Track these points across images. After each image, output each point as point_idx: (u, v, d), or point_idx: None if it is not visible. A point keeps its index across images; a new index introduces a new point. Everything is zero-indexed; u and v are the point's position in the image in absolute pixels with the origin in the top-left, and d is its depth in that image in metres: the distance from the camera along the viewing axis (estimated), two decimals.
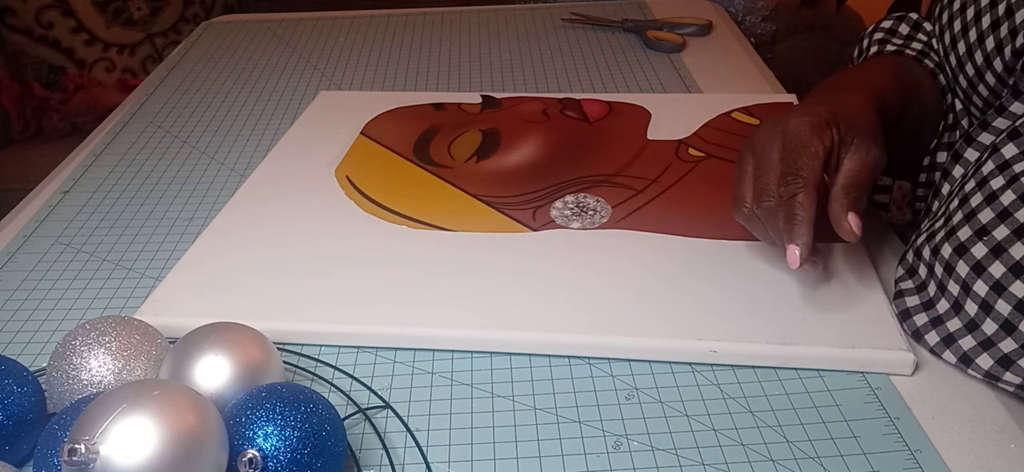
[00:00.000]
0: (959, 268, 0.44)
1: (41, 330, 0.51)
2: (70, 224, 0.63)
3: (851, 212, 0.46)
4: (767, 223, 0.48)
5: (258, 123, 0.79)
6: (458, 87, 0.86)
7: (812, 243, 0.46)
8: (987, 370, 0.42)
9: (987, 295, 0.42)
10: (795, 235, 0.46)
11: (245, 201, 0.62)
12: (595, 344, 0.47)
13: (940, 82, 0.58)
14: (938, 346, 0.45)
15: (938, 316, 0.46)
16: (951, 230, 0.46)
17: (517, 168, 0.65)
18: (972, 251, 0.43)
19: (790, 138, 0.48)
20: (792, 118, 0.49)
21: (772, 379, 0.45)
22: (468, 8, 1.11)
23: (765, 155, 0.49)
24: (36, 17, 1.61)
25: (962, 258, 0.44)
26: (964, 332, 0.44)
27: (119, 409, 0.32)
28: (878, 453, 0.40)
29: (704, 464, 0.40)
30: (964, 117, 0.57)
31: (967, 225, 0.44)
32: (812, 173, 0.46)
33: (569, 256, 0.54)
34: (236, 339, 0.40)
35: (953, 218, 0.46)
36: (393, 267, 0.53)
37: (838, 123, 0.48)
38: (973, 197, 0.45)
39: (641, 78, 0.86)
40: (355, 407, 0.44)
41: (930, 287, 0.47)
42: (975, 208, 0.44)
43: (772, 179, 0.47)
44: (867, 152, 0.48)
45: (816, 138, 0.47)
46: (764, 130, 0.50)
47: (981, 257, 0.43)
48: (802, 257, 0.46)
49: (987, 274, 0.42)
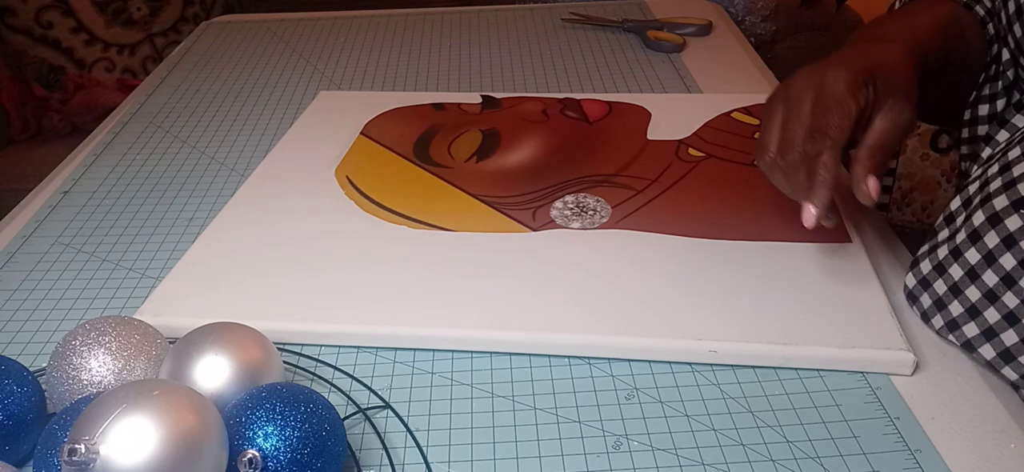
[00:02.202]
0: (988, 238, 0.42)
1: (41, 330, 0.51)
2: (70, 224, 0.63)
3: (871, 175, 0.45)
4: (787, 176, 0.47)
5: (258, 123, 0.79)
6: (458, 87, 0.86)
7: (830, 203, 0.45)
8: (1009, 347, 0.41)
9: (1013, 269, 0.40)
10: (814, 195, 0.45)
11: (245, 201, 0.62)
12: (595, 344, 0.47)
13: (988, 32, 0.55)
14: (944, 328, 0.44)
15: (955, 283, 0.44)
16: (987, 197, 0.43)
17: (517, 168, 0.65)
18: (1006, 222, 0.41)
19: (825, 93, 0.46)
20: (830, 72, 0.46)
21: (772, 379, 0.45)
22: (468, 8, 1.11)
23: (797, 106, 0.47)
24: (36, 17, 1.61)
25: (994, 228, 0.42)
26: (986, 303, 0.42)
27: (119, 409, 0.32)
28: (878, 453, 0.40)
29: (704, 464, 0.40)
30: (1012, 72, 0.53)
31: (1004, 194, 0.42)
32: (840, 133, 0.45)
33: (569, 256, 0.54)
34: (236, 339, 0.40)
35: (991, 185, 0.43)
36: (393, 267, 0.53)
37: (875, 81, 0.46)
38: (1016, 167, 0.42)
39: (641, 78, 0.86)
40: (355, 407, 0.44)
41: (953, 270, 0.45)
42: (1017, 178, 0.42)
43: (800, 132, 0.46)
44: (900, 113, 0.46)
45: (851, 97, 0.45)
46: (800, 79, 0.48)
47: (1014, 230, 0.40)
48: (819, 218, 0.45)
49: (1018, 248, 0.40)
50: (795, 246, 0.53)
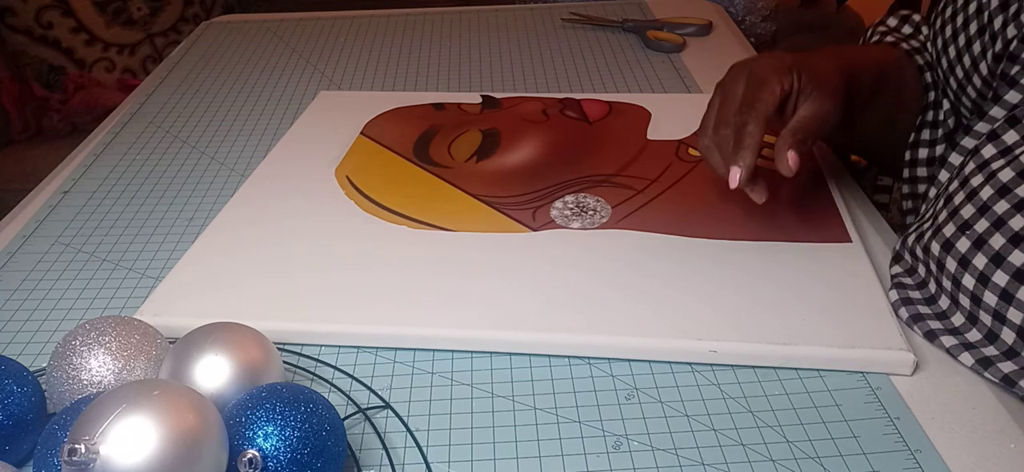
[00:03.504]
0: (948, 264, 0.46)
1: (41, 330, 0.51)
2: (70, 224, 0.63)
3: (792, 150, 0.50)
4: (721, 150, 0.52)
5: (258, 123, 0.79)
6: (458, 87, 0.86)
7: (754, 168, 0.50)
8: (1007, 375, 0.43)
9: (974, 287, 0.44)
10: (738, 157, 0.50)
11: (245, 201, 0.62)
12: (595, 344, 0.47)
13: (925, 79, 0.61)
14: (954, 349, 0.45)
15: (942, 312, 0.47)
16: (937, 228, 0.48)
17: (517, 168, 0.65)
18: (957, 246, 0.45)
19: (754, 75, 0.52)
20: (759, 60, 0.54)
21: (772, 379, 0.45)
22: (468, 8, 1.11)
23: (730, 90, 0.53)
24: (36, 17, 1.61)
25: (949, 254, 0.46)
26: (969, 327, 0.45)
27: (119, 409, 0.32)
28: (878, 453, 0.40)
29: (704, 464, 0.40)
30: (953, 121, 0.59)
31: (951, 222, 0.47)
32: (766, 107, 0.51)
33: (569, 256, 0.54)
34: (236, 339, 0.40)
35: (939, 217, 0.48)
36: (393, 267, 0.53)
37: (801, 73, 0.52)
38: (956, 196, 0.47)
39: (641, 78, 0.86)
40: (355, 407, 0.44)
41: (931, 285, 0.48)
42: (958, 205, 0.47)
43: (732, 109, 0.52)
44: (821, 104, 0.52)
45: (776, 78, 0.51)
46: (734, 69, 0.55)
47: (965, 251, 0.45)
48: (741, 179, 0.50)
49: (972, 267, 0.44)
50: (795, 246, 0.54)
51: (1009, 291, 0.42)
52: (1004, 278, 0.42)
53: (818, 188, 0.60)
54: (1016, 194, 0.43)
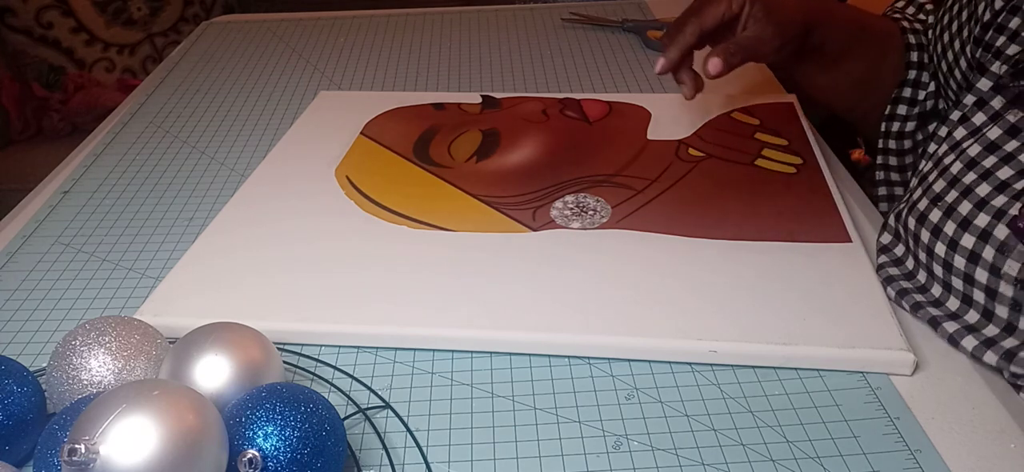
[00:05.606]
0: (922, 235, 0.49)
1: (41, 330, 0.51)
2: (70, 224, 0.63)
3: (719, 58, 0.58)
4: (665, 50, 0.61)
5: (258, 123, 0.79)
6: (458, 87, 0.86)
7: (678, 62, 0.61)
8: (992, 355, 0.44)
9: (946, 254, 0.46)
10: (667, 50, 0.60)
11: (245, 201, 0.62)
12: (595, 344, 0.47)
13: (910, 56, 0.65)
14: (957, 334, 0.46)
15: (922, 285, 0.49)
16: (912, 204, 0.51)
17: (517, 168, 0.65)
18: (929, 217, 0.48)
19: None
20: None
21: (772, 379, 0.45)
22: (468, 8, 1.11)
23: (690, 8, 0.62)
24: (36, 17, 1.61)
25: (923, 226, 0.49)
26: (947, 295, 0.47)
27: (119, 409, 0.32)
28: (878, 453, 0.40)
29: (704, 464, 0.40)
30: (931, 101, 0.64)
31: (925, 197, 0.50)
32: (709, 18, 0.60)
33: (569, 256, 0.54)
34: (236, 339, 0.40)
35: (914, 195, 0.51)
36: (393, 267, 0.53)
37: (754, 3, 0.60)
38: (930, 176, 0.51)
39: (641, 78, 0.86)
40: (355, 407, 0.44)
41: (908, 262, 0.51)
42: (931, 182, 0.50)
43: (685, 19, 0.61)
44: (762, 28, 0.60)
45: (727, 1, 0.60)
46: None
47: (936, 221, 0.48)
48: (663, 67, 0.61)
49: (943, 234, 0.47)
50: (795, 246, 0.54)
51: (976, 252, 0.44)
52: (971, 240, 0.44)
53: (818, 188, 0.60)
54: (982, 165, 0.46)
